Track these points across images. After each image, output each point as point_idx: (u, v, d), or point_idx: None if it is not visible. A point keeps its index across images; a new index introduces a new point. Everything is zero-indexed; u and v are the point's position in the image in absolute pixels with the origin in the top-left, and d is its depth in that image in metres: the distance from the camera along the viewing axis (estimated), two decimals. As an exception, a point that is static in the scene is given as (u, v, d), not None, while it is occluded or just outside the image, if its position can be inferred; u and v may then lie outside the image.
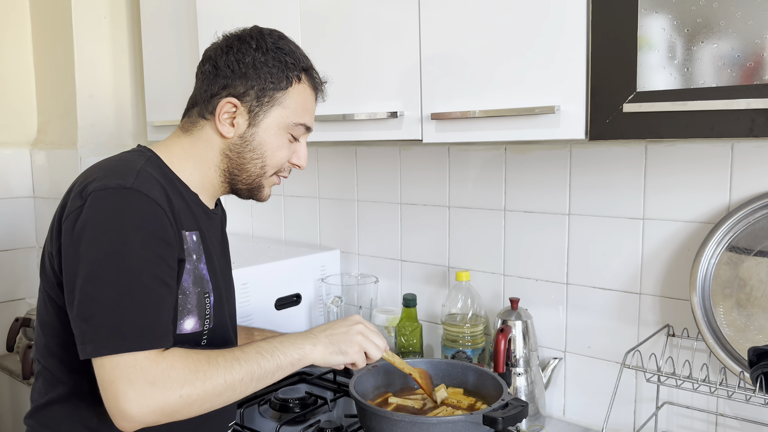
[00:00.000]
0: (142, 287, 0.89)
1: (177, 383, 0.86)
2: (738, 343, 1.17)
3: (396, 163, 1.75)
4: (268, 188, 1.12)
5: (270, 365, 0.95)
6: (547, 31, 1.09)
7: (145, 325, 0.88)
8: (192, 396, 0.87)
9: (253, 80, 1.03)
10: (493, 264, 1.58)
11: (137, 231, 0.90)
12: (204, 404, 0.89)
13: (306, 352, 1.00)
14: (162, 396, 0.85)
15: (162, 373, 0.86)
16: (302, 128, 1.09)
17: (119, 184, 0.92)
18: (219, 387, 0.89)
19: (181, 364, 0.88)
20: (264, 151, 1.06)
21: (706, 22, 0.93)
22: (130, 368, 0.85)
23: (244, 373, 0.92)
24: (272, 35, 1.07)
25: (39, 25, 2.24)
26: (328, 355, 1.02)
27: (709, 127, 0.94)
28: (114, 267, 0.88)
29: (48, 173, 2.23)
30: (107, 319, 0.86)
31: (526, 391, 1.42)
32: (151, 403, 0.84)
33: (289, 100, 1.06)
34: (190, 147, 1.07)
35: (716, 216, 1.24)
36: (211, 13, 1.69)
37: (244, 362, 0.93)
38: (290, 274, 1.77)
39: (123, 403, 0.84)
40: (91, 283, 0.87)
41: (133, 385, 0.84)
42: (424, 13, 1.26)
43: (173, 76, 1.92)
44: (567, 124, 1.08)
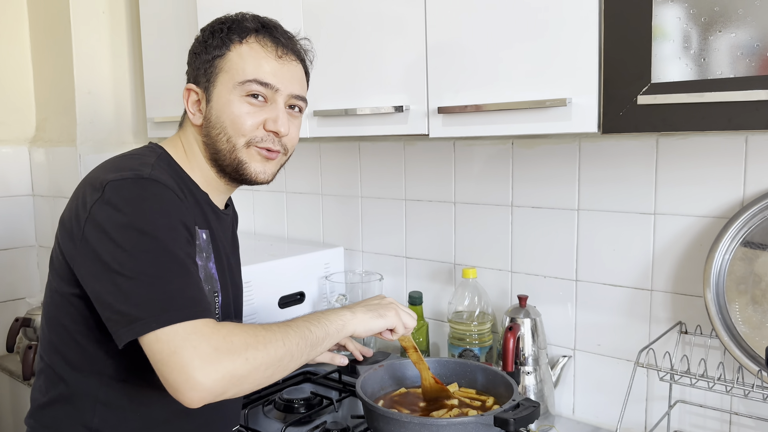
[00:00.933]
0: (181, 264, 0.87)
1: (241, 347, 0.83)
2: (754, 340, 1.14)
3: (400, 159, 1.72)
4: (253, 164, 1.04)
5: (320, 332, 0.95)
6: (557, 21, 1.06)
7: (194, 295, 0.86)
8: (257, 359, 0.84)
9: (200, 60, 1.04)
10: (501, 261, 1.55)
11: (160, 215, 0.90)
12: (267, 370, 0.86)
13: (347, 319, 1.00)
14: (229, 360, 0.82)
15: (224, 338, 0.83)
16: (257, 85, 1.01)
17: (136, 174, 0.92)
18: (279, 351, 0.88)
19: (240, 330, 0.86)
20: (223, 121, 1.01)
21: (724, 10, 0.90)
22: (192, 335, 0.81)
23: (299, 339, 0.91)
24: (219, 18, 1.07)
25: (36, 20, 2.21)
26: (368, 320, 1.03)
27: (726, 118, 0.91)
28: (147, 246, 0.86)
29: (47, 171, 2.21)
30: (153, 294, 0.84)
31: (535, 389, 1.40)
32: (220, 369, 0.81)
33: (231, 62, 1.02)
34: (186, 144, 1.09)
35: (730, 211, 1.21)
36: (211, 6, 1.66)
37: (297, 329, 0.92)
38: (293, 272, 1.74)
39: (192, 371, 0.79)
40: (126, 266, 0.85)
41: (198, 352, 0.80)
42: (430, 2, 1.22)
43: (173, 71, 1.89)
44: (579, 117, 1.05)
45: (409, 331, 1.11)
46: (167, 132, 1.94)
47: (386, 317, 1.05)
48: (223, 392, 0.82)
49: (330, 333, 0.97)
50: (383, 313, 1.05)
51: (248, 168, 1.04)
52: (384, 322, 1.05)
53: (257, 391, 1.48)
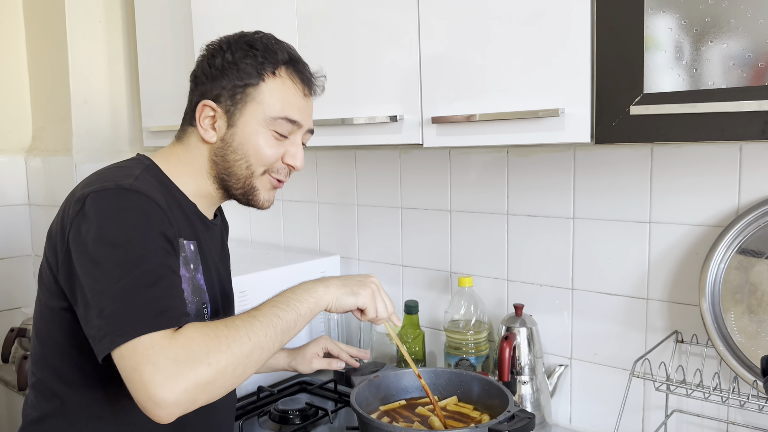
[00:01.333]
0: (151, 274, 0.85)
1: (202, 353, 0.80)
2: (750, 350, 1.13)
3: (396, 167, 1.72)
4: (264, 192, 1.07)
5: (290, 316, 0.91)
6: (550, 32, 1.06)
7: (157, 307, 0.83)
8: (221, 362, 0.81)
9: (224, 80, 1.02)
10: (497, 269, 1.55)
11: (140, 226, 0.88)
12: (236, 369, 0.83)
13: (320, 295, 0.96)
14: (190, 369, 0.79)
15: (183, 347, 0.80)
16: (285, 123, 1.04)
17: (117, 185, 0.91)
18: (246, 347, 0.84)
19: (200, 334, 0.82)
20: (246, 150, 1.03)
21: (716, 21, 0.90)
22: (149, 350, 0.79)
23: (267, 329, 0.87)
24: (247, 35, 1.05)
25: (33, 30, 2.21)
26: (340, 296, 0.98)
27: (719, 129, 0.91)
28: (120, 259, 0.85)
29: (43, 180, 2.20)
30: (119, 309, 0.82)
31: (531, 399, 1.39)
32: (181, 381, 0.78)
33: (263, 94, 1.02)
34: (184, 155, 1.07)
35: (725, 219, 1.21)
36: (207, 16, 1.66)
37: (263, 318, 0.88)
38: (290, 280, 1.72)
39: (152, 388, 0.77)
40: (99, 280, 0.84)
41: (157, 366, 0.78)
42: (423, 14, 1.22)
43: (169, 80, 1.89)
44: (572, 127, 1.05)
45: (379, 321, 1.06)
46: (163, 141, 1.94)
47: (359, 296, 1.01)
48: (193, 402, 0.80)
49: (302, 314, 0.93)
50: (357, 291, 1.01)
51: (259, 196, 1.07)
52: (355, 300, 1.00)
53: (252, 401, 1.47)
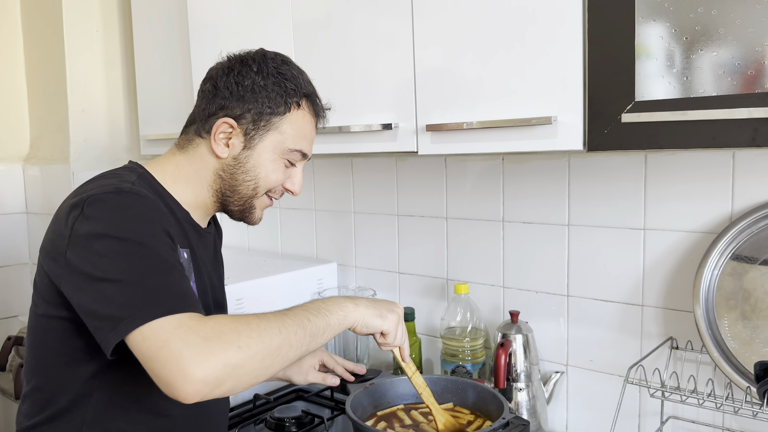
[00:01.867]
0: (165, 263, 0.86)
1: (233, 335, 0.80)
2: (744, 356, 1.14)
3: (392, 174, 1.73)
4: (259, 210, 1.11)
5: (320, 322, 0.92)
6: (542, 41, 1.07)
7: (180, 291, 0.84)
8: (251, 347, 0.80)
9: (250, 103, 1.03)
10: (493, 276, 1.55)
11: (143, 221, 0.89)
12: (265, 360, 0.82)
13: (349, 311, 0.97)
14: (221, 349, 0.78)
15: (213, 328, 0.79)
16: (298, 154, 1.08)
17: (117, 188, 0.92)
18: (275, 340, 0.84)
19: (230, 320, 0.82)
20: (257, 173, 1.06)
21: (705, 29, 0.91)
22: (179, 329, 0.78)
23: (297, 328, 0.87)
24: (275, 59, 1.07)
25: (31, 39, 2.22)
26: (368, 316, 1.00)
27: (710, 136, 0.92)
28: (130, 251, 0.85)
29: (41, 188, 2.21)
30: (138, 293, 0.81)
31: (527, 406, 1.39)
32: (211, 359, 0.77)
33: (287, 125, 1.05)
34: (185, 164, 1.07)
35: (719, 226, 1.21)
36: (204, 26, 1.67)
37: (294, 318, 0.89)
38: (286, 288, 1.74)
39: (183, 362, 0.75)
40: (110, 272, 0.83)
41: (187, 343, 0.77)
42: (417, 23, 1.23)
43: (166, 89, 1.90)
44: (564, 134, 1.05)
45: (397, 346, 1.07)
46: (160, 149, 1.94)
47: (386, 319, 1.02)
48: (219, 383, 0.78)
49: (331, 324, 0.93)
50: (385, 315, 1.02)
51: (254, 214, 1.10)
52: (382, 323, 1.01)
53: (248, 409, 1.47)
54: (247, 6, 1.55)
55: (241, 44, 1.57)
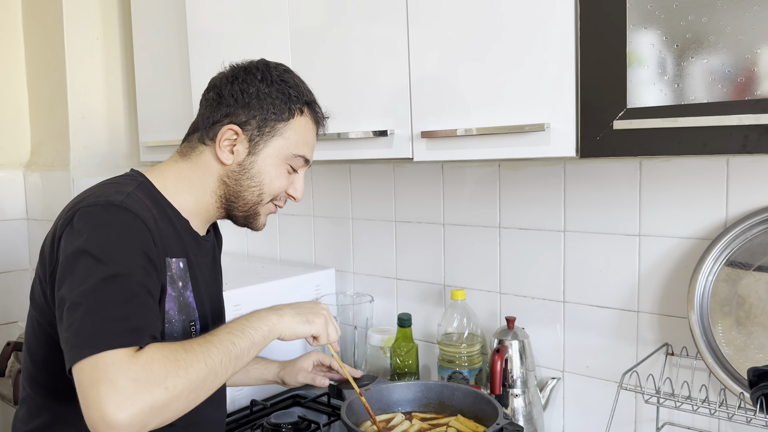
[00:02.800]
0: (126, 291, 0.86)
1: (160, 376, 0.81)
2: (738, 362, 1.14)
3: (390, 181, 1.74)
4: (264, 216, 1.13)
5: (244, 343, 0.93)
6: (535, 48, 1.08)
7: (126, 325, 0.84)
8: (177, 387, 0.82)
9: (255, 110, 1.05)
10: (489, 282, 1.55)
11: (123, 242, 0.90)
12: (190, 394, 0.84)
13: (273, 323, 0.98)
14: (147, 391, 0.79)
15: (143, 367, 0.80)
16: (301, 160, 1.10)
17: (108, 201, 0.93)
18: (201, 373, 0.85)
19: (161, 356, 0.83)
20: (262, 179, 1.07)
21: (696, 37, 0.92)
22: (110, 367, 0.79)
23: (222, 355, 0.89)
24: (278, 68, 1.09)
25: (32, 46, 2.24)
26: (294, 324, 1.01)
27: (701, 143, 0.92)
28: (99, 275, 0.85)
29: (41, 195, 2.22)
30: (89, 323, 0.82)
31: (524, 412, 1.39)
32: (137, 402, 0.78)
33: (290, 131, 1.07)
34: (187, 172, 1.08)
35: (713, 232, 1.22)
36: (203, 33, 1.69)
37: (219, 344, 0.89)
38: (284, 294, 1.75)
39: (107, 407, 0.76)
40: (75, 292, 0.85)
41: (115, 385, 0.78)
42: (413, 31, 1.24)
43: (165, 96, 1.91)
44: (557, 141, 1.06)
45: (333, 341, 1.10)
46: (160, 156, 1.96)
47: (313, 324, 1.04)
48: (144, 426, 0.79)
49: (255, 341, 0.94)
50: (311, 319, 1.04)
51: (258, 221, 1.12)
52: (309, 329, 1.03)
53: (245, 415, 1.48)
54: (245, 15, 1.57)
55: (240, 52, 1.59)
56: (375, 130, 1.31)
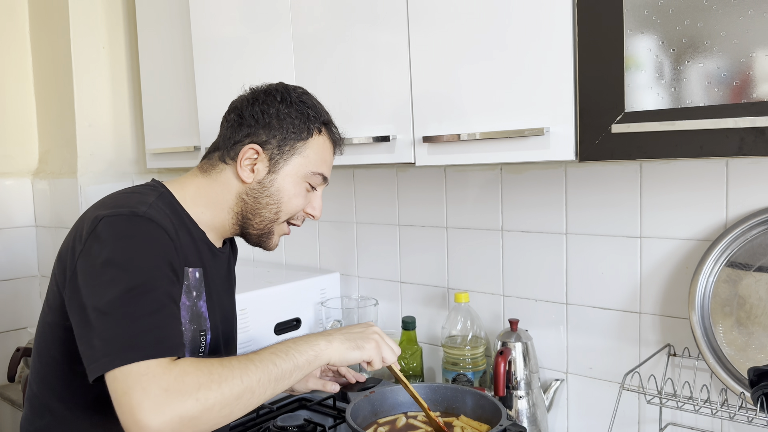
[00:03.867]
0: (155, 302, 0.88)
1: (192, 387, 0.83)
2: (739, 362, 1.15)
3: (393, 185, 1.75)
4: (277, 237, 1.15)
5: (287, 365, 0.93)
6: (534, 54, 1.10)
7: (158, 335, 0.86)
8: (209, 400, 0.83)
9: (275, 130, 1.08)
10: (492, 285, 1.57)
11: (148, 252, 0.92)
12: (223, 409, 0.85)
13: (321, 349, 0.98)
14: (179, 402, 0.81)
15: (176, 378, 0.82)
16: (320, 177, 1.13)
17: (131, 211, 0.95)
18: (236, 389, 0.86)
19: (194, 368, 0.85)
20: (281, 197, 1.10)
21: (692, 41, 0.93)
22: (143, 377, 0.82)
23: (261, 374, 0.89)
24: (296, 90, 1.13)
25: (39, 56, 2.27)
26: (344, 350, 1.00)
27: (698, 146, 0.94)
28: (126, 284, 0.87)
29: (49, 202, 2.25)
30: (120, 332, 0.85)
31: (527, 414, 1.40)
32: (167, 411, 0.80)
33: (309, 150, 1.10)
34: (206, 187, 1.11)
35: (714, 233, 1.23)
36: (206, 41, 1.71)
37: (259, 363, 0.90)
38: (290, 298, 1.76)
39: (139, 414, 0.79)
40: (103, 301, 0.87)
41: (147, 394, 0.80)
42: (414, 38, 1.26)
43: (171, 104, 1.94)
44: (556, 145, 1.07)
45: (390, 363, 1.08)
46: (166, 163, 1.98)
47: (364, 349, 1.03)
48: None
49: (299, 365, 0.95)
50: (362, 345, 1.03)
51: (271, 240, 1.14)
52: (360, 354, 1.02)
53: (251, 418, 1.49)
54: (249, 23, 1.59)
55: (244, 60, 1.61)
56: (377, 136, 1.32)
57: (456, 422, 1.23)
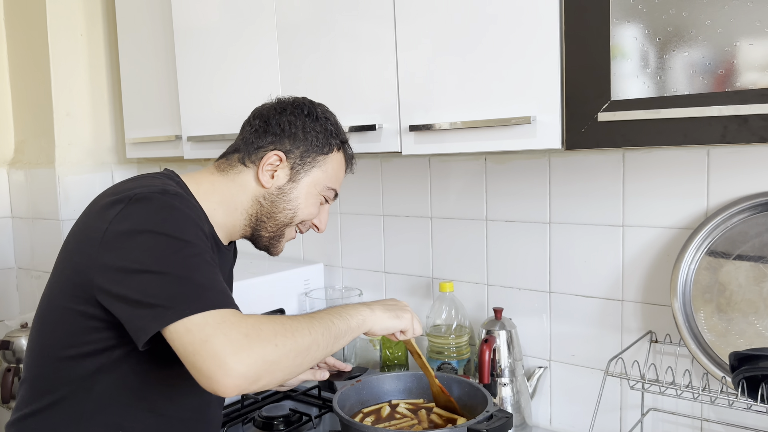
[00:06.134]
0: (206, 263, 0.92)
1: (270, 334, 0.87)
2: (719, 348, 1.17)
3: (377, 175, 1.75)
4: (285, 240, 1.18)
5: (342, 325, 0.99)
6: (521, 43, 1.10)
7: (222, 288, 0.90)
8: (286, 346, 0.87)
9: (300, 141, 1.13)
10: (477, 274, 1.57)
11: (188, 222, 0.95)
12: (297, 357, 0.89)
13: (366, 315, 1.04)
14: (260, 346, 0.85)
15: (253, 326, 0.86)
16: (333, 192, 1.19)
17: (162, 189, 0.97)
18: (306, 339, 0.91)
19: (267, 319, 0.89)
20: (298, 204, 1.14)
21: (677, 30, 0.94)
22: (222, 324, 0.84)
23: (324, 329, 0.95)
24: (321, 106, 1.18)
25: (15, 43, 2.22)
26: (386, 318, 1.07)
27: (682, 134, 0.95)
28: (176, 247, 0.90)
29: (26, 193, 2.21)
30: (184, 287, 0.87)
31: (512, 401, 1.42)
32: (252, 354, 0.83)
33: (328, 164, 1.16)
34: (222, 186, 1.12)
35: (695, 221, 1.25)
36: (189, 29, 1.69)
37: (320, 320, 0.96)
38: (273, 289, 1.76)
39: (224, 357, 0.82)
40: (155, 265, 0.88)
41: (229, 338, 0.83)
42: (399, 26, 1.26)
43: (151, 92, 1.91)
44: (543, 133, 1.08)
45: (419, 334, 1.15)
46: (147, 152, 1.95)
47: (403, 319, 1.09)
48: (257, 378, 0.85)
49: (351, 327, 1.01)
50: (400, 315, 1.09)
51: (281, 243, 1.18)
52: (400, 323, 1.09)
53: (236, 408, 1.49)
54: (231, 10, 1.57)
55: (227, 49, 1.59)
56: (363, 125, 1.32)
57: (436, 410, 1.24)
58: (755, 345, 1.13)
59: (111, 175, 2.23)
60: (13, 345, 1.88)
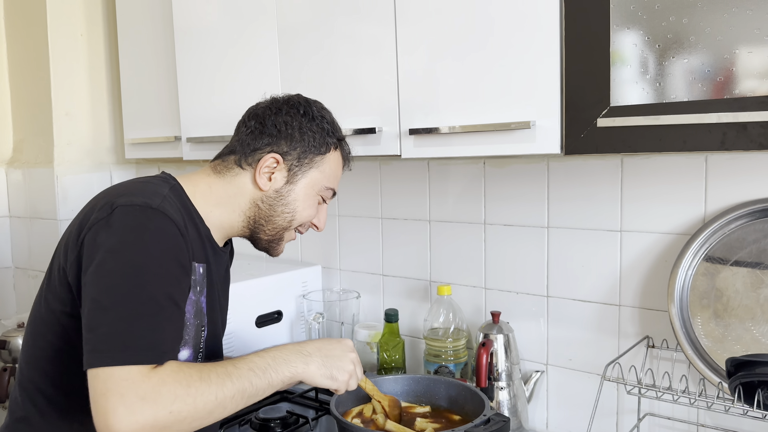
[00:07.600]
0: (154, 304, 0.89)
1: (168, 399, 0.84)
2: (716, 353, 1.17)
3: (376, 178, 1.75)
4: (283, 244, 1.17)
5: (261, 383, 0.95)
6: (522, 48, 1.10)
7: (148, 340, 0.87)
8: (182, 413, 0.85)
9: (297, 142, 1.11)
10: (475, 278, 1.58)
11: (157, 249, 0.92)
12: (194, 422, 0.87)
13: (298, 371, 1.00)
14: (152, 411, 0.83)
15: (153, 388, 0.84)
16: (331, 192, 1.17)
17: (146, 203, 0.95)
18: (210, 404, 0.88)
19: (173, 380, 0.86)
20: (296, 206, 1.13)
21: (677, 37, 0.95)
22: (123, 381, 0.83)
23: (236, 391, 0.91)
24: (317, 104, 1.16)
25: (15, 42, 2.21)
26: (318, 376, 1.02)
27: (681, 140, 0.95)
28: (130, 281, 0.88)
29: (24, 192, 2.20)
30: (112, 331, 0.86)
31: (508, 405, 1.42)
32: (140, 419, 0.82)
33: (326, 164, 1.14)
34: (219, 188, 1.11)
35: (692, 227, 1.25)
36: (189, 30, 1.69)
37: (236, 379, 0.92)
38: (271, 291, 1.76)
39: (112, 418, 0.81)
40: (104, 294, 0.88)
41: (124, 399, 0.82)
42: (400, 30, 1.26)
43: (151, 92, 1.91)
44: (542, 138, 1.08)
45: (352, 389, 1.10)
46: (146, 153, 1.95)
47: (336, 381, 1.04)
48: None
49: (273, 384, 0.96)
50: (336, 376, 1.04)
51: (280, 246, 1.17)
52: (330, 384, 1.04)
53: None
54: (232, 11, 1.57)
55: (227, 50, 1.60)
56: (363, 128, 1.32)
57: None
58: (752, 351, 1.13)
59: (109, 176, 2.23)
60: (10, 344, 1.88)
